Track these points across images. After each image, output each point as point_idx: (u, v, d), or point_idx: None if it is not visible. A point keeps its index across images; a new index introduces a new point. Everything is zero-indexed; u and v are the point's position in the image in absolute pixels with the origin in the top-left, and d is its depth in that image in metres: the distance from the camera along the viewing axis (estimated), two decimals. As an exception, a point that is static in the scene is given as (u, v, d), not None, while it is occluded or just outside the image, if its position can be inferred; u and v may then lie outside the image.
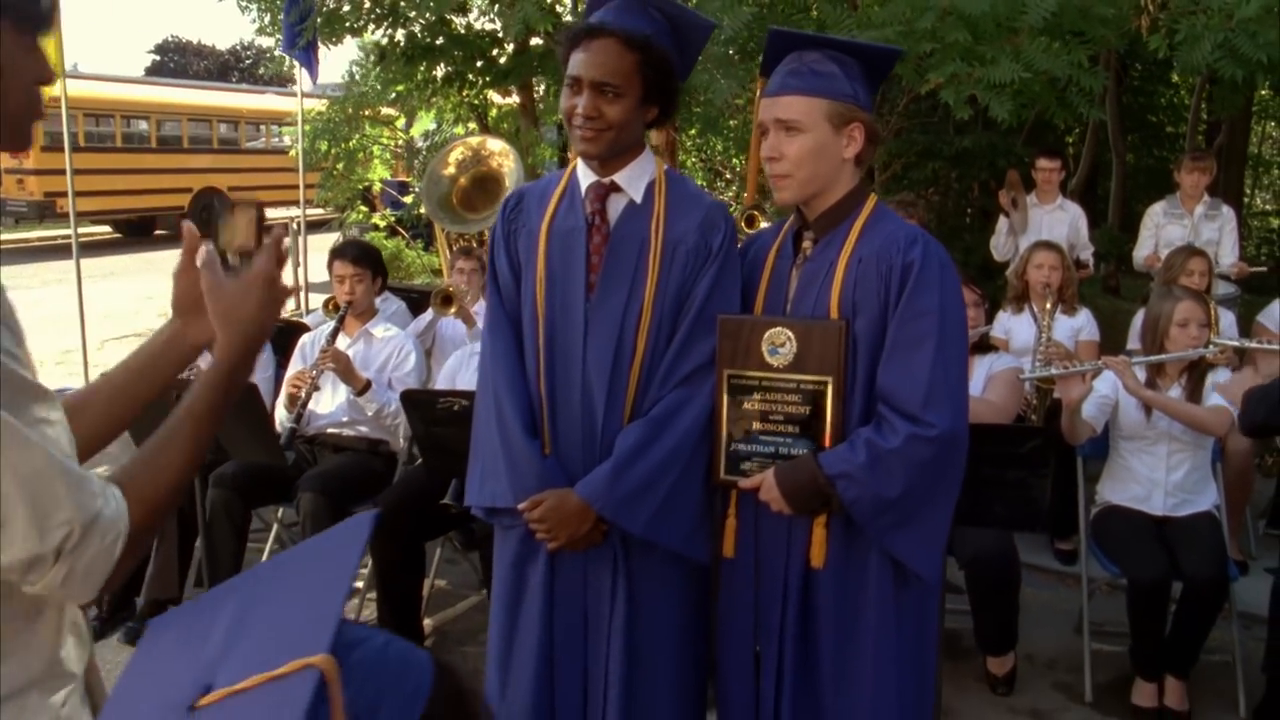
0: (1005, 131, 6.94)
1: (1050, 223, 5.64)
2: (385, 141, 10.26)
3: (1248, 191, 13.08)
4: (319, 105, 9.56)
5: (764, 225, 4.68)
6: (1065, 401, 3.38)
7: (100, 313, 7.89)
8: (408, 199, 11.34)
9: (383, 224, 10.45)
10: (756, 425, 1.89)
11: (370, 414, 3.81)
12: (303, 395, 3.67)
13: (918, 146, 7.22)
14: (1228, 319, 4.65)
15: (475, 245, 5.71)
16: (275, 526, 4.08)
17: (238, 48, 45.28)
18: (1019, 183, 5.66)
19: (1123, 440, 3.45)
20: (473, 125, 9.69)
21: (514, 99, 8.80)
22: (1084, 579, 3.56)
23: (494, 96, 9.05)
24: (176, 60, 43.21)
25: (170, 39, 44.90)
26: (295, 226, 10.00)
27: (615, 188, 1.99)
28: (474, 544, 3.59)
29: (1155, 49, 5.26)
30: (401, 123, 9.36)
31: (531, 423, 1.98)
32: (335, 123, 8.94)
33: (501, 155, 6.15)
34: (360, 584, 3.84)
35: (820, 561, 1.87)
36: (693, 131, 8.77)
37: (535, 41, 6.97)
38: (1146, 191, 10.30)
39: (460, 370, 3.78)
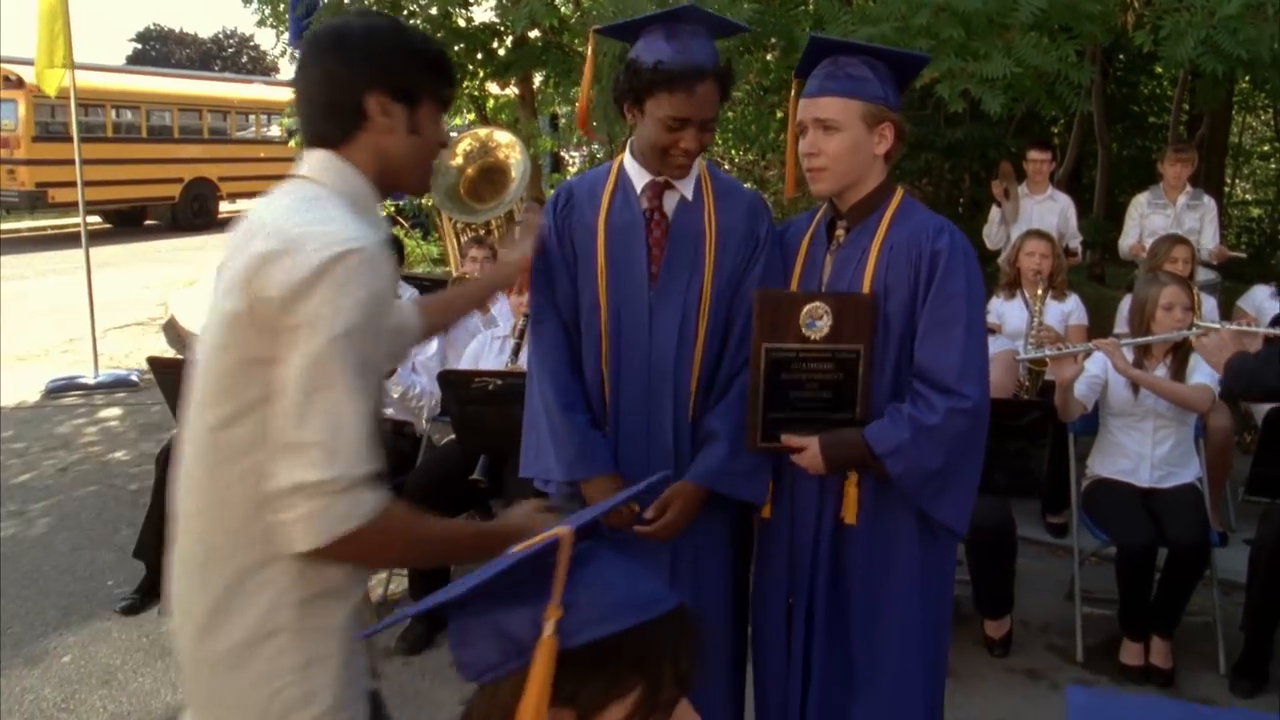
0: (995, 123, 7.14)
1: (1041, 212, 5.84)
2: (381, 132, 10.34)
3: (1229, 181, 13.36)
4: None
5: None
6: (1058, 381, 3.59)
7: (101, 302, 8.02)
8: (406, 189, 11.47)
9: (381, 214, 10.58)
10: (792, 394, 2.07)
11: (396, 396, 3.98)
12: (333, 378, 3.83)
13: (910, 138, 7.37)
14: (1209, 304, 4.87)
15: (485, 234, 5.87)
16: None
17: (220, 36, 45.07)
18: (1012, 174, 5.86)
19: (1112, 417, 3.66)
20: (470, 116, 9.81)
21: (512, 90, 8.92)
22: (1075, 549, 3.78)
23: (491, 88, 9.18)
24: (158, 49, 42.95)
25: (152, 27, 44.65)
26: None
27: (669, 185, 2.16)
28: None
29: (1140, 44, 5.45)
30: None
31: (572, 402, 2.15)
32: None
33: (508, 147, 6.30)
34: (388, 558, 4.01)
35: (853, 518, 2.07)
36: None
37: (533, 34, 7.11)
38: (1130, 181, 10.53)
39: (483, 354, 3.95)
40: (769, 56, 6.32)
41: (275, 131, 18.38)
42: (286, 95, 9.17)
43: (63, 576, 4.17)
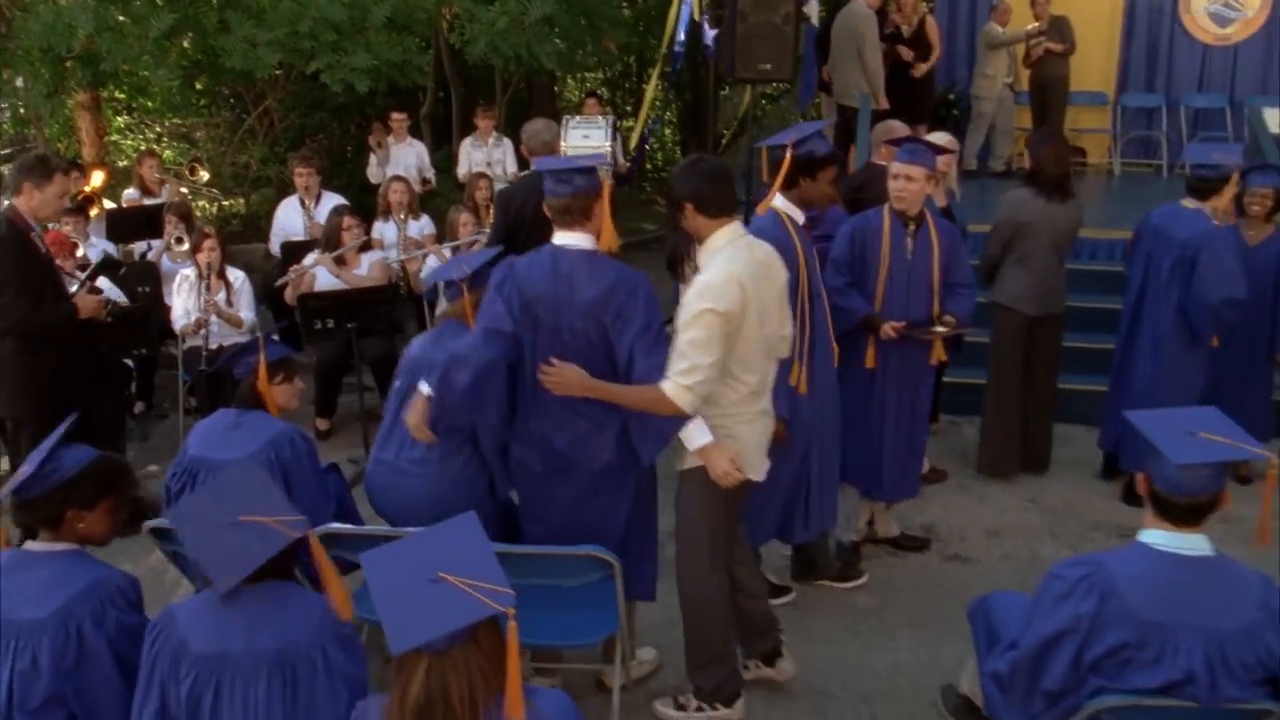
0: (372, 92, 9.51)
1: (405, 155, 8.30)
2: None
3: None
4: None
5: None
6: (410, 272, 6.21)
7: None
8: None
9: None
10: None
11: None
12: None
13: (307, 101, 9.45)
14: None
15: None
16: None
17: None
18: (381, 130, 8.30)
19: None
20: None
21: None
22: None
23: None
24: None
25: None
26: None
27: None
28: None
29: (454, 42, 8.14)
30: None
31: None
32: None
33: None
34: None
35: None
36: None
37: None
38: (464, 120, 13.47)
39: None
40: (185, 44, 7.88)
41: None
42: None
43: None
